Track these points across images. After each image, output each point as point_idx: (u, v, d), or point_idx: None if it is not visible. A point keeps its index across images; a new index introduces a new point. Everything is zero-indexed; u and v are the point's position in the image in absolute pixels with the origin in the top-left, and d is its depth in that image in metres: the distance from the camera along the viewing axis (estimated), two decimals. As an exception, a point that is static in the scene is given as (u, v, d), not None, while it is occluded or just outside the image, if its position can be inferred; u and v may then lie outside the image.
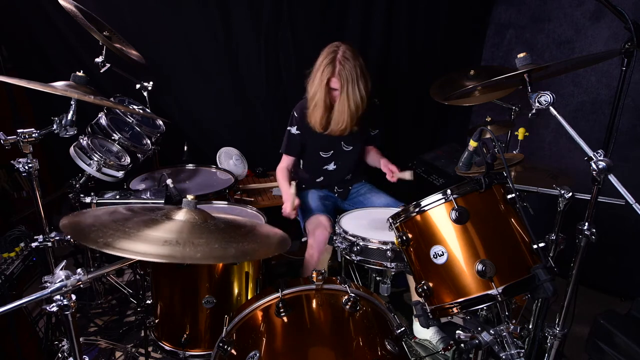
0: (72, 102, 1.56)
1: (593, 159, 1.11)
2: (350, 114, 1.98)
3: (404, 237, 1.20)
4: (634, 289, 2.39)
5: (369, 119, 2.17)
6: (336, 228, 1.80)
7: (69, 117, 1.56)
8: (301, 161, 2.33)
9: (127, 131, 2.09)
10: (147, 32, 2.54)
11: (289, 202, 2.00)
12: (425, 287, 1.17)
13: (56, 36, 2.40)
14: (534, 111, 1.21)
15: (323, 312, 1.25)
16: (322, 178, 2.31)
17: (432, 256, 1.14)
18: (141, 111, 2.24)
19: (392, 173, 2.04)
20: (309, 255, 2.03)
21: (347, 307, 1.21)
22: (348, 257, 1.70)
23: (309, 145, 2.21)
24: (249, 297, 1.60)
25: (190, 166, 2.49)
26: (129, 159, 1.98)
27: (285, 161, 2.28)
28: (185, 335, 1.51)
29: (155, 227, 1.01)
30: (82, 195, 1.77)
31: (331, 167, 2.27)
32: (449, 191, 1.12)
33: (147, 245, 0.92)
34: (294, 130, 2.19)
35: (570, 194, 1.42)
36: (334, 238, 1.75)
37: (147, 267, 1.90)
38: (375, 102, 2.24)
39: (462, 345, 1.08)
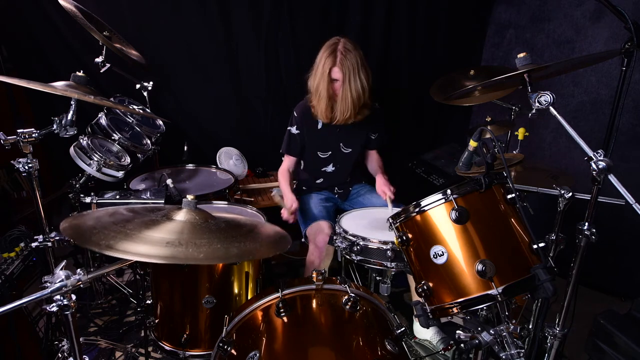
0: (72, 102, 1.56)
1: (593, 159, 1.11)
2: (353, 102, 2.00)
3: (404, 237, 1.20)
4: (634, 289, 2.39)
5: (370, 122, 2.17)
6: (336, 228, 1.79)
7: (69, 117, 1.57)
8: (302, 162, 2.33)
9: (127, 131, 2.09)
10: (147, 32, 2.54)
11: (287, 206, 2.03)
12: (425, 287, 1.17)
13: (56, 36, 2.41)
14: (534, 111, 1.21)
15: (323, 312, 1.25)
16: (321, 180, 2.31)
17: (432, 256, 1.14)
18: (141, 111, 2.24)
19: (385, 195, 2.07)
20: (309, 261, 2.03)
21: (347, 307, 1.21)
22: (348, 257, 1.70)
23: (308, 145, 2.21)
24: (249, 297, 1.60)
25: (190, 166, 2.49)
26: (129, 159, 1.98)
27: (287, 162, 2.27)
28: (185, 335, 1.51)
29: (156, 228, 1.01)
30: (82, 195, 1.77)
31: (330, 168, 2.26)
32: (449, 191, 1.11)
33: (150, 247, 0.91)
34: (294, 130, 2.19)
35: (570, 194, 1.42)
36: (334, 238, 1.75)
37: (147, 267, 1.90)
38: (375, 106, 2.23)
39: (462, 345, 1.08)
